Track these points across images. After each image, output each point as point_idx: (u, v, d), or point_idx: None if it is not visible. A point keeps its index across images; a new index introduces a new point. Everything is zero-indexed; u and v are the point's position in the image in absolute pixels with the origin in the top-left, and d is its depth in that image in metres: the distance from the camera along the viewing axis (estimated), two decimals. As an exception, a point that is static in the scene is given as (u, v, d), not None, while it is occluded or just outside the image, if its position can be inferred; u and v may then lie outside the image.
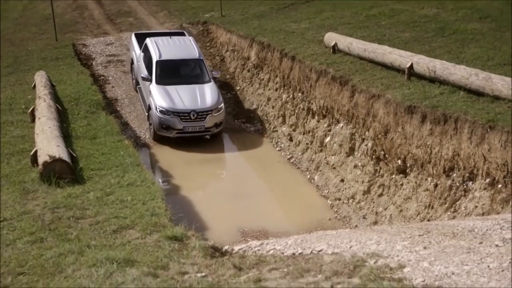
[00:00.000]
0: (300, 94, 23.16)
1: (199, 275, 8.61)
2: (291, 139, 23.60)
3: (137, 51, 26.59)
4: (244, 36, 29.31)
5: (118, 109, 26.25)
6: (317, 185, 20.57)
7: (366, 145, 18.44)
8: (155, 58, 24.60)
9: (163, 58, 24.73)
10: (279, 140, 24.20)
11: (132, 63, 27.57)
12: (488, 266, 7.42)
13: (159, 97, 23.32)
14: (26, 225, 11.67)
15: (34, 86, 22.90)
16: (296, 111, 23.41)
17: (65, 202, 13.03)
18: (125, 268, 9.00)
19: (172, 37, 26.88)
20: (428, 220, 14.79)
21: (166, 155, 22.74)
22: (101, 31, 35.85)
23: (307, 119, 22.60)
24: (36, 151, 15.56)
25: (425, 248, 8.29)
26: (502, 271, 7.24)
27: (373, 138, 17.99)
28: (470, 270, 7.35)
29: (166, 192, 16.68)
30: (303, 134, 22.81)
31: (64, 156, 14.91)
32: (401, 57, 18.95)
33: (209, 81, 24.50)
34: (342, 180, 19.43)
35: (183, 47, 25.92)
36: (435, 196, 15.18)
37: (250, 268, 8.68)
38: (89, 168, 15.65)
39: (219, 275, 8.55)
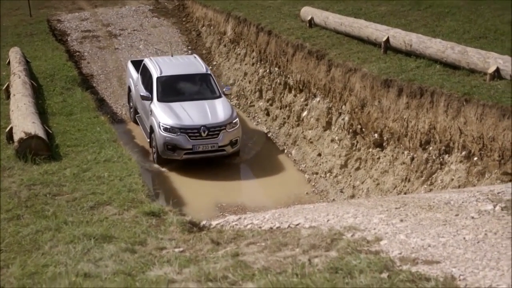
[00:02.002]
0: (276, 69, 23.13)
1: (177, 250, 8.63)
2: (268, 114, 23.59)
3: (134, 76, 23.39)
4: (220, 10, 29.16)
5: (94, 85, 26.12)
6: (294, 160, 20.61)
7: (343, 119, 18.48)
8: (155, 75, 21.49)
9: (165, 74, 21.62)
10: (256, 115, 24.18)
11: (129, 91, 24.16)
12: (464, 238, 7.48)
13: (162, 114, 20.14)
14: (2, 202, 11.61)
15: (9, 62, 22.68)
16: (273, 85, 23.38)
17: (41, 179, 12.98)
18: (102, 244, 9.00)
19: (174, 55, 24.20)
20: (405, 193, 14.88)
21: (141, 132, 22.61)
22: (75, 6, 35.43)
23: (284, 94, 22.58)
24: (11, 128, 15.46)
25: (401, 220, 8.33)
26: (478, 242, 7.31)
27: (350, 112, 18.02)
28: (446, 242, 7.41)
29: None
30: (280, 108, 22.80)
31: (40, 132, 14.83)
32: (377, 31, 18.95)
33: (220, 97, 21.32)
34: (319, 154, 19.48)
35: (186, 63, 22.95)
36: (412, 169, 15.26)
37: (228, 242, 8.70)
38: (65, 144, 15.59)
39: (197, 250, 8.56)
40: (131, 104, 23.96)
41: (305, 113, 20.85)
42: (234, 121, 20.32)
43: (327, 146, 19.16)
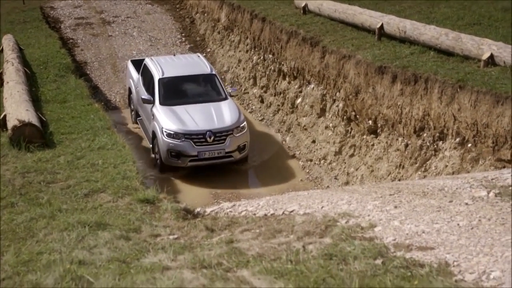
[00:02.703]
0: (271, 56, 23.09)
1: (171, 237, 8.63)
2: (262, 101, 23.57)
3: (135, 76, 22.19)
4: (214, -3, 29.10)
5: (88, 72, 26.07)
6: (288, 147, 20.61)
7: (337, 106, 18.48)
8: (157, 76, 20.29)
9: (167, 75, 20.39)
10: (250, 102, 24.16)
11: (129, 93, 23.03)
12: (458, 224, 7.50)
13: (165, 118, 18.87)
14: (-4, 190, 11.60)
15: (2, 50, 22.61)
16: (267, 72, 23.34)
17: (35, 166, 12.96)
18: (97, 231, 8.99)
19: (176, 54, 23.39)
20: (399, 180, 14.90)
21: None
22: (69, -7, 35.40)
23: (278, 81, 22.56)
24: (5, 116, 15.43)
25: (395, 207, 8.35)
26: (472, 228, 7.33)
27: (344, 99, 18.01)
28: (440, 228, 7.42)
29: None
30: (274, 95, 22.78)
31: (34, 120, 14.80)
32: (371, 18, 18.92)
33: (226, 99, 20.06)
34: (314, 141, 19.48)
35: (189, 63, 21.71)
36: (406, 156, 15.27)
37: (222, 229, 8.71)
38: (59, 132, 15.57)
39: (192, 237, 8.57)
40: (132, 106, 22.79)
41: (299, 100, 20.83)
42: (241, 125, 19.12)
43: (321, 133, 19.16)
